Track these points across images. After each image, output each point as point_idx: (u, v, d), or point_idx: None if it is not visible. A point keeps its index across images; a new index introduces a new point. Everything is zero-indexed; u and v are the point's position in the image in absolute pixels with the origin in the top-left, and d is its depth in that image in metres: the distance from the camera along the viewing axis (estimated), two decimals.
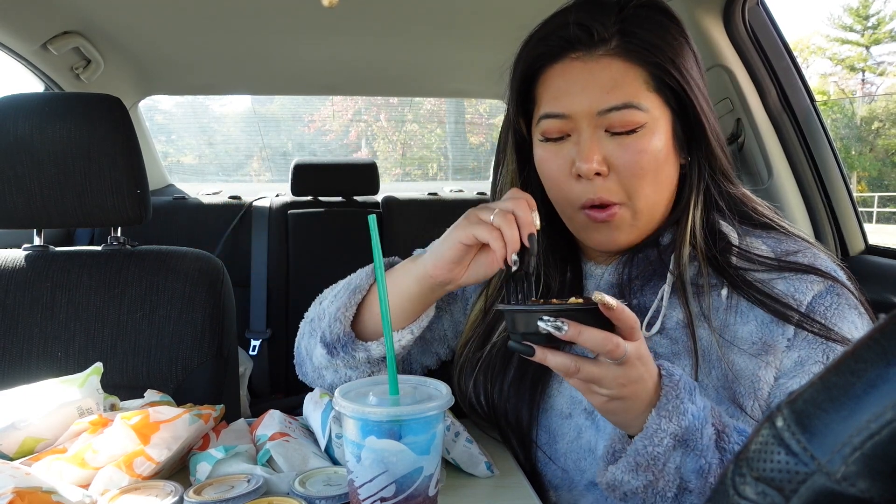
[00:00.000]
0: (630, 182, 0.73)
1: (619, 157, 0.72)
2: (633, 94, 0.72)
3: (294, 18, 1.69)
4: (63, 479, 0.67)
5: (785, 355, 0.70)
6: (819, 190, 1.51)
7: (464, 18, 1.73)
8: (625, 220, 0.75)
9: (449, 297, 0.90)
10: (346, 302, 0.79)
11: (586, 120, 0.73)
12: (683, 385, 0.61)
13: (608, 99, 0.72)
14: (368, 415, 0.52)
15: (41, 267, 1.22)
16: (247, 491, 0.63)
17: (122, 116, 1.20)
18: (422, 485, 0.54)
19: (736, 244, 0.75)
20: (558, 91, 0.75)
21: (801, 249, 0.74)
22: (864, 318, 0.71)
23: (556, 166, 0.76)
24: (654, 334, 0.74)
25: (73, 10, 1.58)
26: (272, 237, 2.28)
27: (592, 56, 0.73)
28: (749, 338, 0.71)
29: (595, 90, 0.72)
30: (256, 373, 2.09)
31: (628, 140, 0.72)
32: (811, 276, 0.71)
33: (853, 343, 0.72)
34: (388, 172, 11.42)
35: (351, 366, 0.80)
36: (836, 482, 0.24)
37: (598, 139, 0.73)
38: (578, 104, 0.73)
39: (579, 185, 0.74)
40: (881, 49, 22.56)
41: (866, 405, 0.24)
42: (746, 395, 0.70)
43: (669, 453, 0.60)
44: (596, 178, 0.73)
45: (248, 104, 7.89)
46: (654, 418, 0.60)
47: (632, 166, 0.72)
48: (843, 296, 0.71)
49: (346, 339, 0.79)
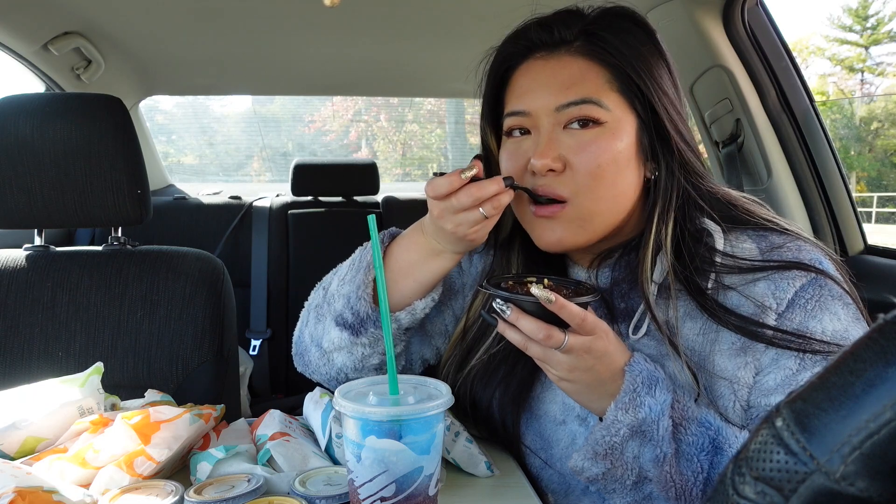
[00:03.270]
0: (584, 180, 0.72)
1: (576, 154, 0.72)
2: (593, 91, 0.72)
3: (295, 18, 1.69)
4: (64, 478, 0.67)
5: (763, 354, 0.70)
6: (818, 190, 1.51)
7: (464, 19, 1.73)
8: (570, 219, 0.73)
9: (450, 291, 0.90)
10: (364, 279, 0.79)
11: (545, 116, 0.73)
12: (643, 379, 0.64)
13: (567, 94, 0.72)
14: (369, 415, 0.52)
15: (42, 267, 1.22)
16: (247, 490, 0.63)
17: (123, 116, 1.20)
18: (422, 484, 0.54)
19: (720, 248, 0.74)
20: (521, 89, 0.76)
21: (786, 243, 0.73)
22: (849, 308, 0.70)
23: (513, 162, 0.76)
24: (642, 337, 0.74)
25: (73, 11, 1.58)
26: (272, 237, 2.28)
27: (554, 55, 0.75)
28: (729, 337, 0.71)
29: (555, 86, 0.73)
30: (256, 373, 2.09)
31: (587, 137, 0.72)
32: (794, 271, 0.70)
33: (846, 340, 0.71)
34: (388, 172, 11.42)
35: (373, 342, 0.80)
36: (836, 481, 0.24)
37: (557, 136, 0.73)
38: (538, 100, 0.74)
39: (532, 181, 0.74)
40: (880, 49, 22.57)
41: (865, 405, 0.24)
42: (726, 395, 0.70)
43: (626, 443, 0.64)
44: (549, 175, 0.73)
45: (248, 104, 7.89)
46: (612, 410, 0.65)
47: (588, 163, 0.71)
48: (827, 287, 0.69)
49: (373, 314, 0.78)
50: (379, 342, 0.80)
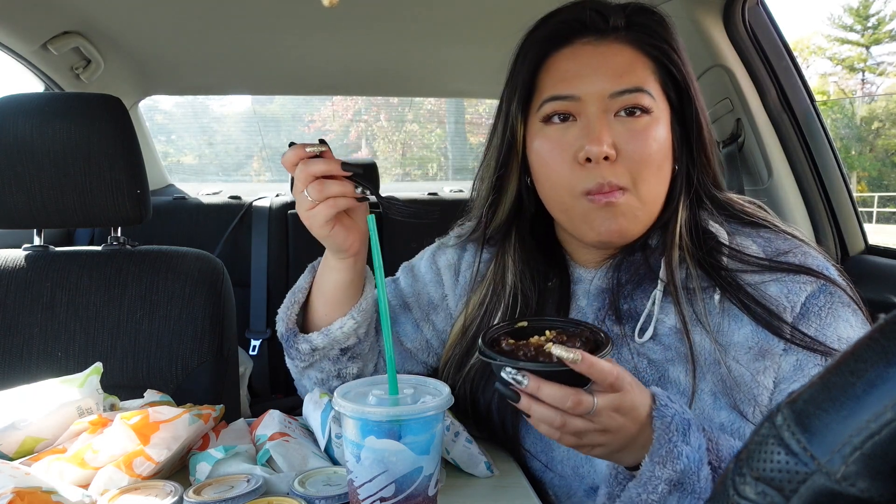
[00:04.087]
0: (636, 168, 0.71)
1: (628, 142, 0.71)
2: (643, 81, 0.73)
3: (294, 18, 1.69)
4: (63, 479, 0.67)
5: (783, 359, 0.69)
6: (819, 190, 1.51)
7: (464, 18, 1.73)
8: (630, 206, 0.73)
9: (429, 307, 0.90)
10: (289, 301, 0.85)
11: (596, 103, 0.72)
12: (676, 426, 0.58)
13: (620, 82, 0.72)
14: (368, 415, 0.52)
15: (41, 267, 1.22)
16: (246, 491, 0.63)
17: (123, 116, 1.20)
18: (421, 484, 0.54)
19: (726, 243, 0.74)
20: (567, 73, 0.75)
21: (791, 249, 0.73)
22: (858, 315, 0.70)
23: (560, 151, 0.74)
24: (647, 341, 0.73)
25: (73, 10, 1.58)
26: (272, 237, 2.28)
27: (604, 41, 0.75)
28: (745, 343, 0.70)
29: (607, 73, 0.73)
30: (256, 373, 2.09)
31: (637, 125, 0.72)
32: (803, 276, 0.70)
33: (853, 343, 0.71)
34: (388, 172, 11.41)
35: (300, 358, 0.84)
36: (836, 482, 0.24)
37: (608, 122, 0.72)
38: (590, 85, 0.73)
39: (584, 170, 0.72)
40: (881, 49, 22.55)
41: (866, 405, 0.24)
42: (746, 401, 0.68)
43: (665, 499, 0.57)
44: (603, 163, 0.71)
45: (248, 104, 7.87)
46: (647, 465, 0.57)
47: (640, 151, 0.71)
48: (836, 294, 0.70)
49: (287, 333, 0.85)
50: (306, 357, 0.84)
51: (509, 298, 0.81)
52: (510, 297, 0.82)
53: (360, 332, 0.83)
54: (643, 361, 0.73)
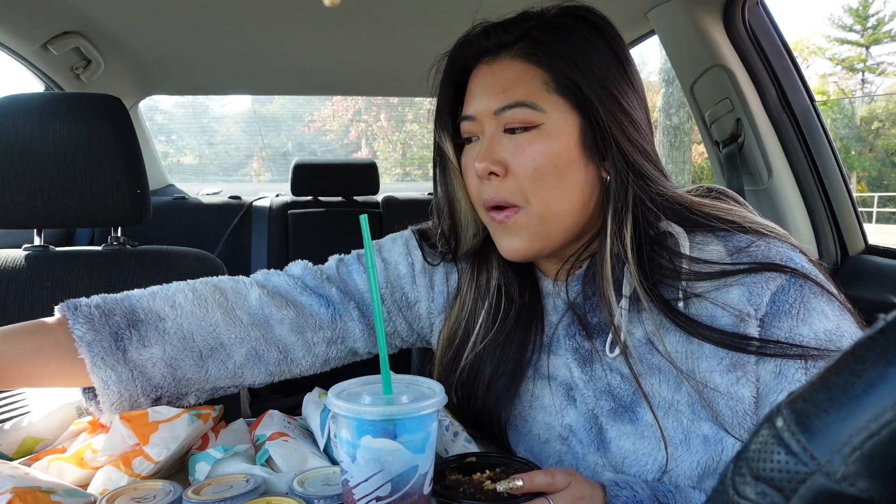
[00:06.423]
0: (526, 184, 0.71)
1: (514, 157, 0.72)
2: (528, 94, 0.71)
3: (294, 18, 1.69)
4: (62, 478, 0.67)
5: (759, 367, 0.65)
6: (819, 190, 1.51)
7: (464, 18, 1.72)
8: (523, 225, 0.73)
9: (403, 303, 0.88)
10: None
11: (487, 120, 0.74)
12: None
13: (503, 98, 0.72)
14: (363, 414, 0.52)
15: (41, 267, 1.22)
16: (245, 491, 0.63)
17: (123, 116, 1.20)
18: (417, 483, 0.53)
19: (686, 252, 0.70)
20: (470, 94, 0.77)
21: (752, 243, 0.69)
22: (832, 302, 0.66)
23: (469, 168, 0.77)
24: (619, 355, 0.71)
25: (73, 11, 1.58)
26: (272, 237, 2.28)
27: (497, 59, 0.75)
28: (715, 355, 0.67)
29: (494, 90, 0.73)
30: None
31: (521, 140, 0.71)
32: (766, 273, 0.66)
33: (840, 337, 0.69)
34: (388, 172, 11.43)
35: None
36: (836, 482, 0.24)
37: (498, 139, 0.73)
38: (478, 105, 0.74)
39: (483, 185, 0.74)
40: (881, 49, 22.58)
41: (866, 405, 0.24)
42: (724, 413, 0.66)
43: None
44: (492, 178, 0.73)
45: (248, 104, 7.88)
46: None
47: (526, 167, 0.71)
48: (807, 286, 0.65)
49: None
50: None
51: (493, 297, 0.82)
52: (494, 295, 0.82)
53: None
54: (616, 377, 0.72)
